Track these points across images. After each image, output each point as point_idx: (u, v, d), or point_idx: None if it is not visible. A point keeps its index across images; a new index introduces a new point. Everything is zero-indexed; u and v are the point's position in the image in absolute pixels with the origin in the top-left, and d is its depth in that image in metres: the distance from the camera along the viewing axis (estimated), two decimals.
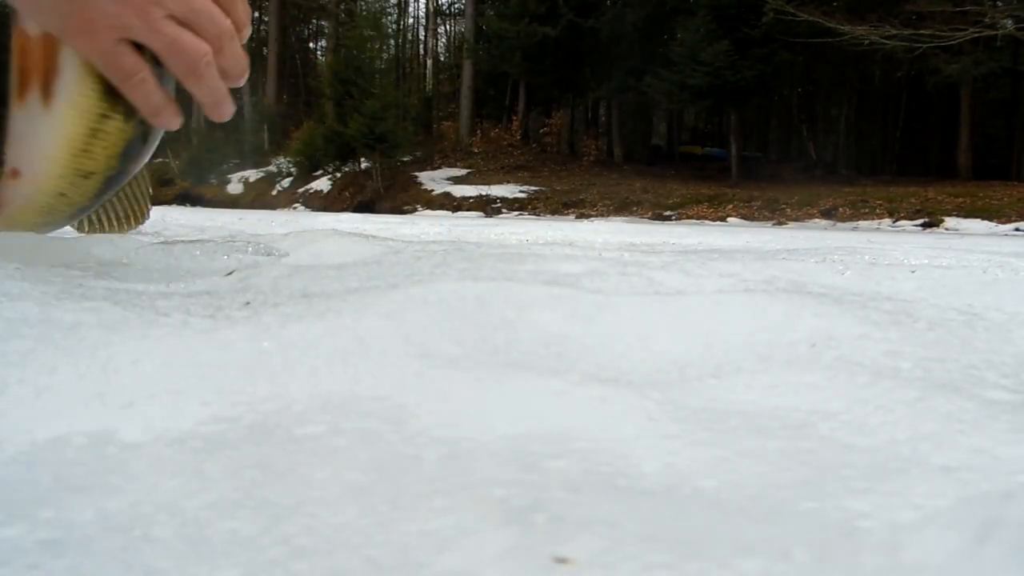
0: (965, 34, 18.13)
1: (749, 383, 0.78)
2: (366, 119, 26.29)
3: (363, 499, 0.52)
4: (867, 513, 0.50)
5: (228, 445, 0.61)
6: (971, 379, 0.81)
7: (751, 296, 1.07)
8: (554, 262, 1.48)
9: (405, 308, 0.93)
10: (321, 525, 0.48)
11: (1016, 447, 0.61)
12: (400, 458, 0.59)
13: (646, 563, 0.42)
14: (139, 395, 0.70)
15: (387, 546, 0.45)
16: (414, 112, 34.82)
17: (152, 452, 0.60)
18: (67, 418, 0.66)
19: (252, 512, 0.50)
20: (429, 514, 0.49)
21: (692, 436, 0.64)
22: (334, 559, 0.44)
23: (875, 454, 0.61)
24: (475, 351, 0.86)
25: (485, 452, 0.60)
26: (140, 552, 0.44)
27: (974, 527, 0.40)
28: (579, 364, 0.85)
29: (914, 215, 18.88)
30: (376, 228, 4.71)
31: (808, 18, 18.87)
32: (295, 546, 0.45)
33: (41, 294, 0.93)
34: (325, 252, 1.91)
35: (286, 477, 0.55)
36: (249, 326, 0.84)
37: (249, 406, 0.69)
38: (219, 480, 0.55)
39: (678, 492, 0.54)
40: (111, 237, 1.74)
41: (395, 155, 28.26)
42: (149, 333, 0.81)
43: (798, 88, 27.77)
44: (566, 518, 0.48)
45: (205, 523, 0.48)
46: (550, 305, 1.00)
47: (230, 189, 31.44)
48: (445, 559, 0.43)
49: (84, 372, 0.73)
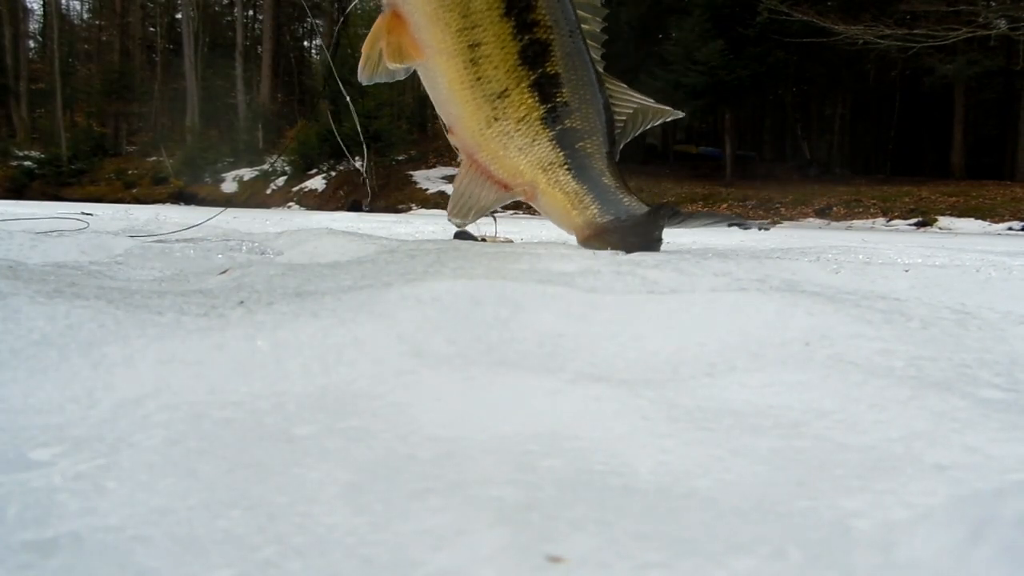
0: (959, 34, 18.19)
1: (743, 382, 0.78)
2: (360, 118, 26.26)
3: (357, 498, 0.51)
4: (860, 512, 0.50)
5: (222, 444, 0.61)
6: (964, 378, 0.81)
7: (745, 295, 1.07)
8: (548, 261, 1.48)
9: (399, 307, 0.93)
10: (315, 524, 0.48)
11: (1009, 445, 0.61)
12: (394, 457, 0.59)
13: (640, 562, 0.42)
14: (132, 394, 0.70)
15: (381, 545, 0.45)
16: (408, 111, 34.77)
17: (145, 451, 0.59)
18: (58, 417, 0.66)
19: (246, 512, 0.49)
20: (423, 513, 0.49)
21: (686, 435, 0.64)
22: (328, 558, 0.44)
23: (868, 453, 0.61)
24: (469, 350, 0.86)
25: (479, 451, 0.60)
26: (133, 552, 0.44)
27: (967, 525, 0.40)
28: (573, 363, 0.85)
29: (908, 214, 18.93)
30: (370, 227, 4.70)
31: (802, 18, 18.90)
32: (289, 545, 0.45)
33: (34, 292, 0.93)
34: (319, 251, 1.91)
35: (280, 476, 0.55)
36: (243, 325, 0.84)
37: (243, 405, 0.69)
38: (213, 479, 0.54)
39: (672, 491, 0.54)
40: (104, 236, 1.74)
41: (390, 154, 28.21)
42: (142, 332, 0.80)
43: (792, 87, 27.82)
44: (560, 517, 0.48)
45: (198, 522, 0.48)
46: (544, 304, 1.00)
47: (224, 188, 31.37)
48: (439, 558, 0.43)
49: (76, 371, 0.72)
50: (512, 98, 1.85)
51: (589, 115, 1.95)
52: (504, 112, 1.87)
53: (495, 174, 1.96)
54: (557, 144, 1.91)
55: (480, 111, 1.87)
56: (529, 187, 1.96)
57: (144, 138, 39.09)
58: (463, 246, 1.85)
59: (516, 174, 1.94)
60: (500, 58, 1.80)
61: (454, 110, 1.91)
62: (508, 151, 1.92)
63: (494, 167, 1.95)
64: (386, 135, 27.61)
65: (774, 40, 21.88)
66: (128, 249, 1.67)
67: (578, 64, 1.91)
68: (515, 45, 1.80)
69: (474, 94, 1.85)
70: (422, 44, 1.79)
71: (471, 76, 1.82)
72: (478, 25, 1.76)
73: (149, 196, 30.01)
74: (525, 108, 1.87)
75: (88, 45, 46.70)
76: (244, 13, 39.58)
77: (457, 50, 1.78)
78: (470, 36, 1.77)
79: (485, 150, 1.94)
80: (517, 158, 1.93)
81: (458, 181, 2.04)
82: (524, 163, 1.93)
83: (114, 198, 28.96)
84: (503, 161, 1.94)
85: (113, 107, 39.06)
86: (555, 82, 1.87)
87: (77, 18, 48.68)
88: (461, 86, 1.84)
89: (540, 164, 1.92)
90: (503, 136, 1.90)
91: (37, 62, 44.44)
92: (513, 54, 1.81)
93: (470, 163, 1.98)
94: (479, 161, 1.96)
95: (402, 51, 1.79)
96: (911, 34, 19.00)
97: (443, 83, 1.86)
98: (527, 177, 1.94)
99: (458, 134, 1.96)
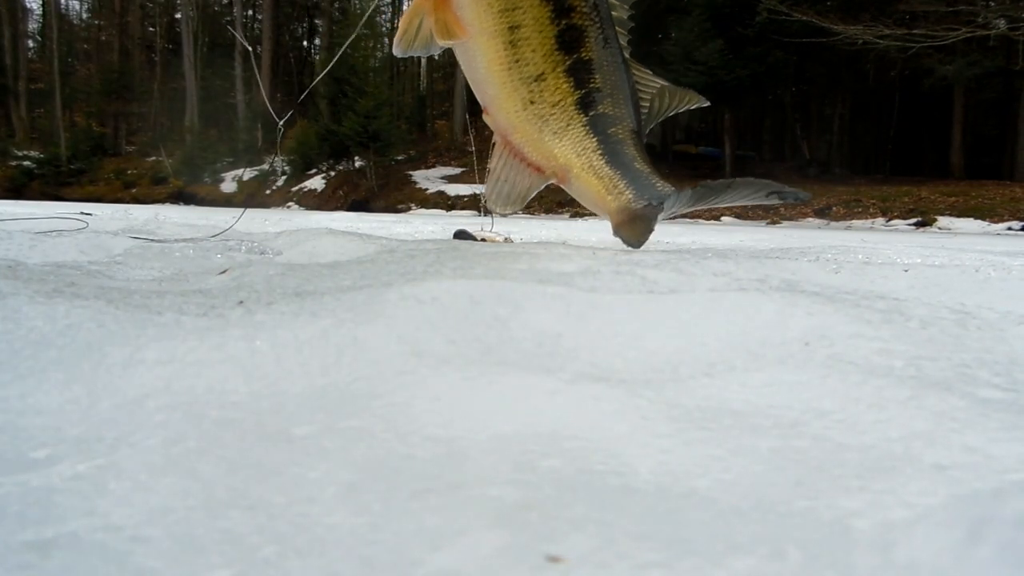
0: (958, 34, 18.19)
1: (742, 382, 0.78)
2: (360, 118, 26.24)
3: (356, 498, 0.51)
4: (860, 512, 0.50)
5: (221, 444, 0.61)
6: (963, 377, 0.81)
7: (744, 295, 1.07)
8: (547, 261, 1.48)
9: (398, 307, 0.93)
10: (314, 524, 0.48)
11: (1008, 445, 0.61)
12: (393, 457, 0.59)
13: (639, 562, 0.42)
14: (132, 394, 0.70)
15: (381, 545, 0.45)
16: (408, 111, 34.79)
17: (145, 451, 0.59)
18: (57, 417, 0.66)
19: (245, 511, 0.49)
20: (422, 513, 0.49)
21: (685, 435, 0.64)
22: (327, 558, 0.44)
23: (868, 453, 0.61)
24: (468, 350, 0.86)
25: (478, 451, 0.60)
26: (132, 552, 0.44)
27: (966, 525, 0.40)
28: (572, 363, 0.85)
29: (907, 214, 18.94)
30: (370, 227, 4.70)
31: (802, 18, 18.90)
32: (288, 545, 0.45)
33: (33, 292, 0.93)
34: (318, 251, 1.91)
35: (279, 476, 0.55)
36: (242, 325, 0.84)
37: (242, 405, 0.69)
38: (212, 479, 0.54)
39: (671, 491, 0.54)
40: (103, 236, 1.74)
41: (389, 154, 28.22)
42: (142, 332, 0.80)
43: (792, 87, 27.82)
44: (559, 517, 0.48)
45: (198, 522, 0.48)
46: (543, 304, 1.00)
47: (224, 188, 31.36)
48: (438, 558, 0.43)
49: (76, 371, 0.72)
50: (548, 82, 1.89)
51: (620, 101, 1.99)
52: (540, 95, 1.91)
53: (529, 156, 2.00)
54: (591, 129, 1.95)
55: (517, 93, 1.91)
56: (562, 170, 1.99)
57: (143, 138, 39.08)
58: (462, 246, 1.85)
59: (550, 157, 1.98)
60: (538, 41, 1.85)
61: (491, 90, 1.94)
62: (543, 134, 1.96)
63: (528, 149, 1.98)
64: (385, 135, 27.59)
65: (773, 40, 21.89)
66: (128, 249, 1.67)
67: (610, 51, 1.95)
68: (552, 29, 1.84)
69: (511, 76, 1.89)
70: (464, 23, 1.82)
71: (510, 57, 1.86)
72: (518, 7, 1.80)
73: (148, 196, 30.01)
74: (560, 93, 1.91)
75: (87, 45, 46.68)
76: (243, 13, 39.57)
77: (498, 31, 1.83)
78: (511, 18, 1.81)
79: (520, 132, 1.98)
80: (551, 141, 1.96)
81: (493, 165, 2.07)
82: (558, 147, 1.97)
83: (113, 198, 28.96)
84: (537, 144, 1.98)
85: (112, 107, 39.06)
86: (589, 68, 1.91)
87: (76, 18, 48.69)
88: (500, 67, 1.88)
89: (574, 148, 1.96)
90: (538, 119, 1.94)
91: (36, 62, 44.43)
92: (551, 38, 1.85)
93: (504, 145, 2.02)
94: (513, 143, 2.00)
95: (448, 28, 1.83)
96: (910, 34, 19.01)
97: (482, 63, 1.90)
98: (560, 161, 1.97)
99: (494, 115, 1.99)
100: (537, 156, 1.99)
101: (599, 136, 1.96)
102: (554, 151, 1.97)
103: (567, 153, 1.96)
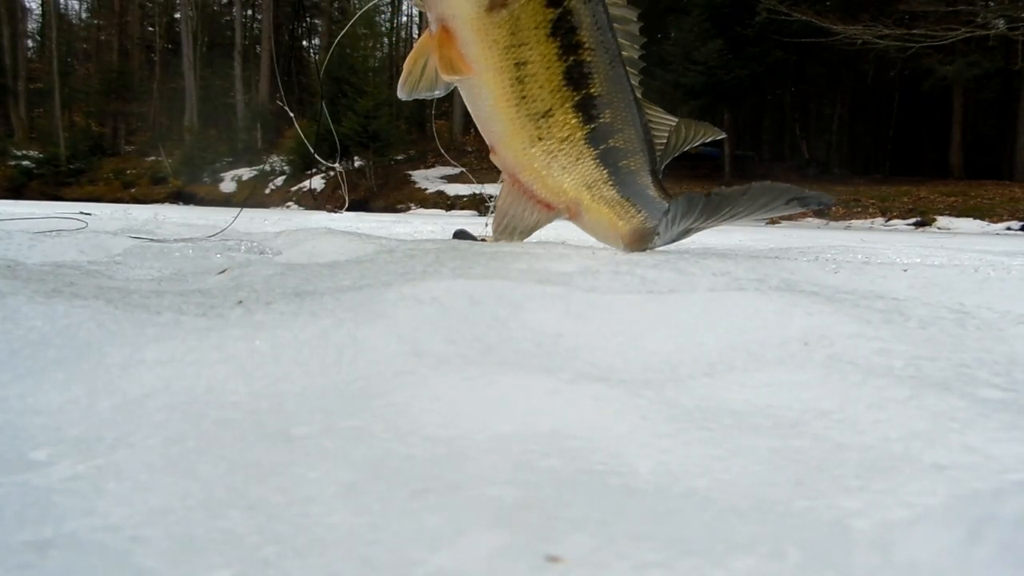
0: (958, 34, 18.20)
1: (742, 381, 0.78)
2: (359, 117, 26.25)
3: (356, 498, 0.51)
4: (859, 511, 0.50)
5: (221, 444, 0.61)
6: (963, 377, 0.81)
7: (744, 295, 1.07)
8: (547, 260, 1.47)
9: (398, 307, 0.93)
10: (314, 524, 0.48)
11: (1007, 445, 0.61)
12: (393, 457, 0.59)
13: (639, 562, 0.42)
14: (131, 394, 0.70)
15: (380, 545, 0.45)
16: (407, 111, 34.80)
17: (144, 451, 0.59)
18: (57, 417, 0.66)
19: (245, 512, 0.49)
20: (422, 513, 0.49)
21: (685, 435, 0.64)
22: (327, 558, 0.44)
23: (867, 452, 0.61)
24: (468, 350, 0.86)
25: (478, 451, 0.60)
26: (131, 552, 0.44)
27: (966, 525, 0.40)
28: (572, 363, 0.85)
29: (906, 214, 18.96)
30: (369, 227, 4.70)
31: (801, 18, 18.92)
32: (288, 545, 0.45)
33: (32, 292, 0.93)
34: (318, 250, 1.91)
35: (279, 476, 0.55)
36: (242, 325, 0.84)
37: (242, 405, 0.69)
38: (211, 479, 0.54)
39: (671, 491, 0.54)
40: (102, 236, 1.74)
41: (388, 153, 28.22)
42: (141, 332, 0.80)
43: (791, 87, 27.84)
44: (559, 517, 0.48)
45: (197, 522, 0.48)
46: (543, 304, 1.00)
47: (223, 187, 31.34)
48: (438, 558, 0.43)
49: (75, 371, 0.72)
50: (556, 118, 1.88)
51: (631, 136, 1.97)
52: (548, 132, 1.89)
53: (538, 194, 1.98)
54: (601, 162, 1.93)
55: (524, 130, 1.90)
56: (573, 204, 1.97)
57: (143, 138, 39.06)
58: (462, 246, 1.85)
59: (559, 192, 1.96)
60: (545, 77, 1.84)
61: (498, 128, 1.93)
62: (552, 170, 1.94)
63: (537, 186, 1.97)
64: (384, 135, 27.58)
65: (773, 40, 21.91)
66: (127, 249, 1.66)
67: (620, 87, 1.94)
68: (560, 65, 1.83)
69: (519, 112, 1.87)
70: (469, 60, 1.81)
71: (516, 94, 1.85)
72: (525, 44, 1.79)
73: (148, 196, 30.00)
74: (569, 128, 1.90)
75: (86, 44, 46.67)
76: (243, 13, 39.54)
77: (504, 67, 1.82)
78: (517, 54, 1.80)
79: (528, 170, 1.96)
80: (560, 177, 1.95)
81: (501, 201, 2.05)
82: (568, 182, 1.95)
83: (112, 198, 28.95)
84: (546, 180, 1.96)
85: (111, 107, 39.04)
86: (599, 103, 1.90)
87: (75, 17, 48.67)
88: (507, 104, 1.87)
89: (584, 182, 1.94)
90: (547, 155, 1.92)
91: (35, 61, 44.41)
92: (558, 74, 1.84)
93: (512, 183, 2.00)
94: (522, 181, 1.98)
95: (453, 65, 1.82)
96: (910, 34, 19.02)
97: (488, 101, 1.89)
98: (571, 195, 1.96)
99: (501, 153, 1.98)
100: (546, 193, 1.97)
101: (609, 168, 1.94)
102: (564, 186, 1.95)
103: (577, 186, 1.94)
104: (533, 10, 1.77)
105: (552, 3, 1.78)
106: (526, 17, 1.77)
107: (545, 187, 1.96)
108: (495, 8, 1.75)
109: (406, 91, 1.93)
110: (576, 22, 1.82)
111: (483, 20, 1.77)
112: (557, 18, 1.79)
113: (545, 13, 1.78)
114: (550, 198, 1.98)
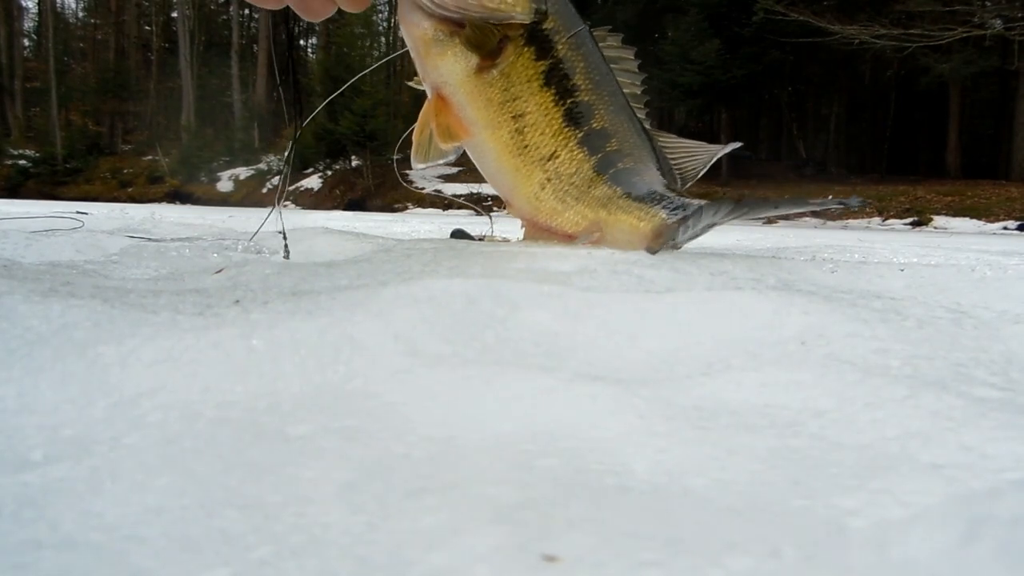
0: (954, 34, 18.24)
1: (739, 381, 0.78)
2: (356, 117, 26.24)
3: (353, 498, 0.51)
4: (856, 511, 0.50)
5: (217, 444, 0.61)
6: (960, 377, 0.81)
7: (741, 294, 1.07)
8: (544, 260, 1.47)
9: (394, 306, 0.92)
10: (310, 524, 0.48)
11: (1004, 444, 0.61)
12: (389, 457, 0.58)
13: (635, 561, 0.42)
14: (127, 394, 0.70)
15: (377, 545, 0.45)
16: (405, 110, 34.82)
17: (140, 451, 0.59)
18: (52, 417, 0.65)
19: (241, 511, 0.49)
20: (419, 512, 0.49)
21: (682, 434, 0.64)
22: (323, 558, 0.44)
23: (864, 452, 0.61)
24: (465, 349, 0.86)
25: (475, 450, 0.60)
26: (127, 552, 0.44)
27: (962, 524, 0.40)
28: (569, 362, 0.85)
29: (903, 214, 19.00)
30: (367, 226, 4.70)
31: (798, 17, 18.95)
32: (284, 545, 0.45)
33: (28, 291, 0.93)
34: (315, 250, 1.91)
35: (275, 476, 0.55)
36: (238, 324, 0.84)
37: (238, 404, 0.69)
38: (207, 479, 0.54)
39: (668, 490, 0.54)
40: (99, 235, 1.73)
41: (386, 153, 28.24)
42: (137, 331, 0.80)
43: (788, 87, 27.88)
44: (555, 516, 0.48)
45: (193, 522, 0.48)
46: (540, 303, 1.00)
47: (220, 187, 31.30)
48: (435, 557, 0.43)
49: (71, 371, 0.72)
50: (562, 158, 1.89)
51: (643, 157, 1.98)
52: (556, 172, 1.91)
53: (557, 229, 1.99)
54: (613, 182, 1.93)
55: (532, 176, 1.91)
56: (593, 225, 1.97)
57: (139, 137, 38.99)
58: (459, 245, 1.85)
59: (578, 220, 1.97)
60: (545, 123, 1.85)
61: (507, 179, 1.94)
62: (566, 203, 1.95)
63: (555, 223, 1.98)
64: (382, 134, 27.59)
65: (770, 40, 21.94)
66: (124, 248, 1.66)
67: (624, 118, 1.95)
68: (558, 110, 1.85)
69: (524, 161, 1.89)
70: (467, 122, 1.82)
71: (518, 145, 1.87)
72: (519, 97, 1.81)
73: (144, 195, 29.97)
74: (576, 163, 1.91)
75: (83, 43, 46.57)
76: (240, 12, 39.50)
77: (501, 122, 1.84)
78: (513, 108, 1.82)
79: (544, 212, 1.97)
80: (576, 207, 1.95)
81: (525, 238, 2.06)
82: (584, 208, 1.95)
83: (109, 197, 28.92)
84: (563, 215, 1.97)
85: (108, 106, 38.99)
86: (603, 135, 1.91)
87: (72, 16, 48.57)
88: (510, 155, 1.88)
89: (600, 202, 1.94)
90: (559, 192, 1.93)
91: (32, 60, 44.32)
92: (558, 118, 1.86)
93: (531, 227, 2.01)
94: (539, 223, 2.00)
95: (450, 131, 1.84)
96: (907, 34, 19.05)
97: (492, 156, 1.90)
98: (590, 217, 1.96)
99: (515, 205, 1.99)
100: (566, 225, 1.98)
101: (623, 185, 1.93)
102: (581, 214, 1.95)
103: (595, 209, 1.94)
104: (523, 65, 1.79)
105: (541, 56, 1.80)
106: (516, 73, 1.80)
107: (563, 220, 1.97)
108: (484, 69, 1.78)
109: (420, 162, 1.95)
110: (569, 69, 1.84)
111: (474, 81, 1.80)
112: (548, 69, 1.81)
113: (536, 66, 1.80)
114: (570, 229, 1.99)
